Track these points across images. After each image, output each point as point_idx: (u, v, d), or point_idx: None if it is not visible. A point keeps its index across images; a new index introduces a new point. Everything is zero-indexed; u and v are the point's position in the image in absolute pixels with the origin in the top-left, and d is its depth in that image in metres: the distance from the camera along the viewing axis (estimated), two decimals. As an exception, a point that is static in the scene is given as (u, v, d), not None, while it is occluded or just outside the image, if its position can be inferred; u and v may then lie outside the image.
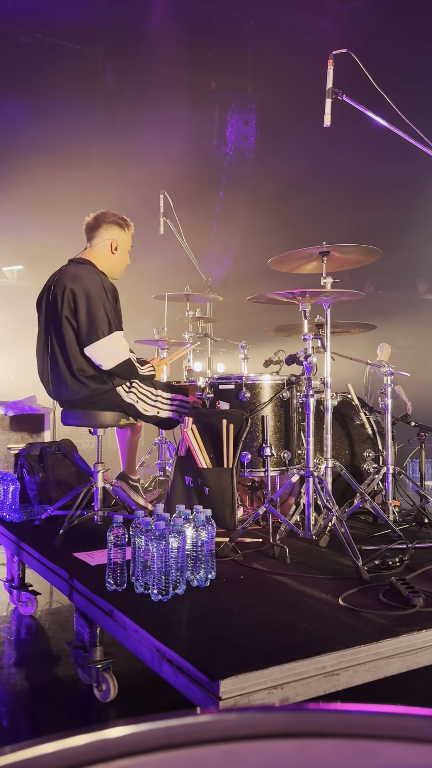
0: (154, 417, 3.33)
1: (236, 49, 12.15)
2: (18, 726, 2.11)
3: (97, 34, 10.78)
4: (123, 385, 3.25)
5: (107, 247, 3.33)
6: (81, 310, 3.07)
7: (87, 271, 3.19)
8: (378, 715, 0.44)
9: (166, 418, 3.35)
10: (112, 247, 3.33)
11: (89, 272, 3.19)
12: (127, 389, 3.26)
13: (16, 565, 3.14)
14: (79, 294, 3.09)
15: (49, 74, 10.38)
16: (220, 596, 2.17)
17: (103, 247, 3.33)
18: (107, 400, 3.21)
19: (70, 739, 0.41)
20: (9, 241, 9.60)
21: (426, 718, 0.43)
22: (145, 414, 3.29)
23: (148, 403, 3.30)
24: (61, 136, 9.94)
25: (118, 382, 3.22)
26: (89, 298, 3.08)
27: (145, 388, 3.32)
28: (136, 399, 3.26)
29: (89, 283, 3.12)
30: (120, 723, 0.42)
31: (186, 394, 3.45)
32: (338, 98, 2.82)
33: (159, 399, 3.33)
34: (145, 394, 3.30)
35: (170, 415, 3.35)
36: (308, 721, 0.44)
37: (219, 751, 0.41)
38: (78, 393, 3.16)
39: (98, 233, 3.34)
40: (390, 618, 1.93)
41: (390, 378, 3.43)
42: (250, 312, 5.63)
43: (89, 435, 3.35)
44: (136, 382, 3.30)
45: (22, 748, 0.40)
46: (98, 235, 3.34)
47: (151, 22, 11.25)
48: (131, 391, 3.26)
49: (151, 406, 3.31)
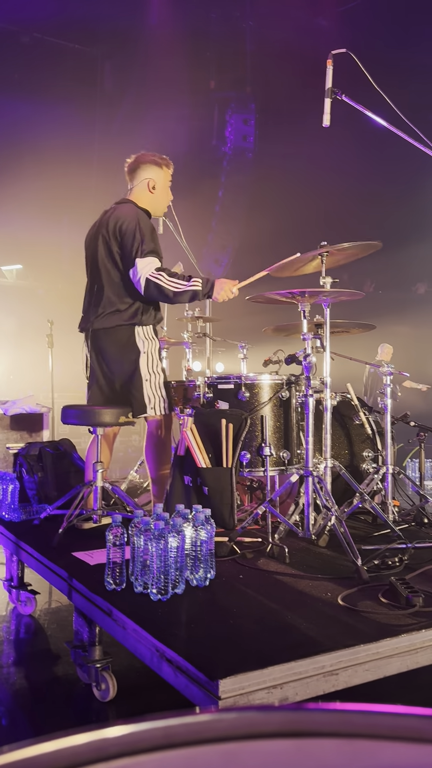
0: (141, 402, 3.29)
1: (235, 48, 12.15)
2: (17, 725, 2.11)
3: (97, 34, 10.77)
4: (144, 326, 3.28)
5: (145, 186, 3.44)
6: (120, 241, 3.24)
7: (125, 208, 3.35)
8: (377, 715, 0.44)
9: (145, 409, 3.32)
10: (149, 186, 3.44)
11: (127, 208, 3.34)
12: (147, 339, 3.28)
13: (15, 564, 3.14)
14: (118, 227, 3.25)
15: (49, 73, 10.38)
16: (220, 596, 2.17)
17: (141, 187, 3.44)
18: (120, 335, 3.25)
19: (70, 738, 0.41)
20: (8, 240, 9.60)
21: (425, 717, 0.43)
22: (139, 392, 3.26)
23: (154, 395, 3.27)
24: (60, 136, 9.94)
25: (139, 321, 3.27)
26: (128, 229, 3.23)
27: (158, 376, 3.32)
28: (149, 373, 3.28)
29: (126, 216, 3.28)
30: (119, 722, 0.42)
31: (172, 399, 3.40)
32: (337, 98, 2.82)
33: (159, 398, 3.30)
34: (156, 388, 3.28)
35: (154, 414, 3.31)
36: (307, 721, 0.44)
37: (218, 751, 0.41)
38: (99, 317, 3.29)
39: (137, 174, 3.46)
40: (389, 618, 1.93)
41: (389, 378, 3.43)
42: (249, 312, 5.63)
43: (88, 434, 3.35)
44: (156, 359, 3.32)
45: (22, 748, 0.40)
46: (137, 176, 3.46)
47: (150, 22, 11.25)
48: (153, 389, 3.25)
49: (151, 407, 3.28)
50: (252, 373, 3.28)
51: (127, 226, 3.24)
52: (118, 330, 3.28)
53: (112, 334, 3.29)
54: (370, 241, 3.08)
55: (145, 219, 3.32)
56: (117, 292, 3.28)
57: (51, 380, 6.89)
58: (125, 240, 3.23)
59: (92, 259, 3.40)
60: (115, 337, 3.29)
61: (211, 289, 3.26)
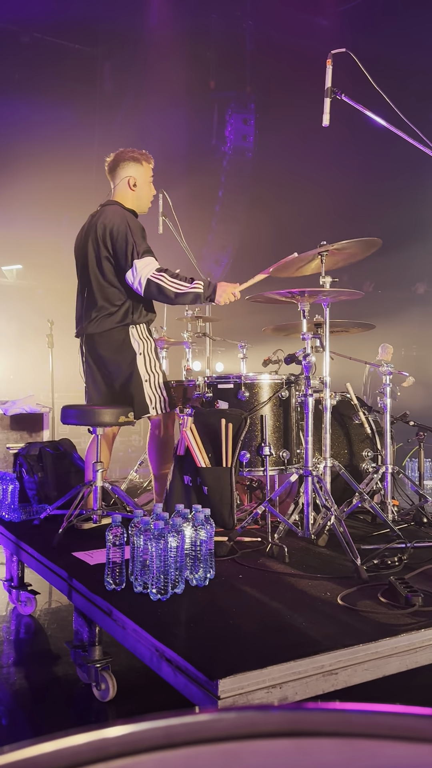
0: (142, 402, 3.30)
1: (235, 48, 12.15)
2: (17, 725, 2.11)
3: (97, 34, 10.77)
4: (137, 326, 3.28)
5: (126, 184, 3.42)
6: (111, 245, 3.22)
7: (112, 211, 3.31)
8: (377, 715, 0.44)
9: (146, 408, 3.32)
10: (130, 183, 3.42)
11: (113, 211, 3.31)
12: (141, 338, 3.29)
13: (15, 564, 3.14)
14: (108, 232, 3.22)
15: (49, 73, 10.38)
16: (219, 595, 2.17)
17: (123, 186, 3.42)
18: (114, 338, 3.25)
19: (69, 738, 0.41)
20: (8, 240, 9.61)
21: (425, 717, 0.43)
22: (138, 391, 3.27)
23: (153, 393, 3.29)
24: (60, 135, 9.94)
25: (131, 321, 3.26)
26: (115, 232, 3.20)
27: (158, 374, 3.33)
28: (148, 373, 3.28)
29: (114, 218, 3.24)
30: (119, 722, 0.42)
31: (173, 399, 3.42)
32: (337, 98, 2.82)
33: (158, 396, 3.31)
34: (156, 387, 3.30)
35: (156, 413, 3.32)
36: (307, 721, 0.44)
37: (218, 751, 0.41)
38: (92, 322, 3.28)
39: (117, 173, 3.44)
40: (389, 617, 1.93)
41: (389, 378, 3.43)
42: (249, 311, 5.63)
43: (88, 434, 3.35)
44: (154, 360, 3.32)
45: (22, 748, 0.40)
46: (117, 175, 3.44)
47: (150, 22, 11.25)
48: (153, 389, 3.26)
49: (153, 407, 3.30)
50: (252, 373, 3.28)
51: (117, 229, 3.21)
52: (112, 333, 3.28)
53: (107, 337, 3.29)
54: (369, 238, 3.07)
55: (133, 220, 3.30)
56: (107, 296, 3.27)
57: (51, 380, 6.89)
58: (117, 244, 3.21)
59: (82, 263, 3.39)
60: (110, 340, 3.29)
61: (213, 293, 3.26)
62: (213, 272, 12.11)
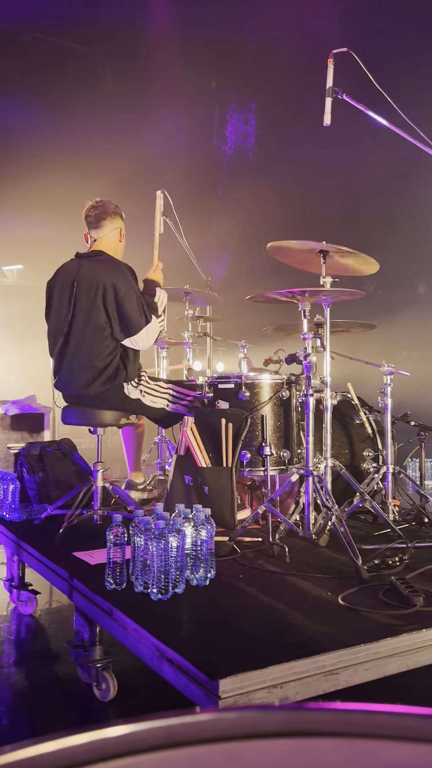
0: (161, 410, 3.35)
1: (236, 48, 12.14)
2: (18, 725, 2.11)
3: (97, 33, 10.77)
4: (131, 381, 3.28)
5: (116, 236, 3.45)
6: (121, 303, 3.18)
7: (112, 264, 3.30)
8: (378, 715, 0.44)
9: (173, 412, 3.37)
10: (121, 234, 3.47)
11: (114, 264, 3.30)
12: (135, 385, 3.28)
13: (16, 564, 3.14)
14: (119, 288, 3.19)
15: (49, 73, 10.38)
16: (220, 595, 2.17)
17: (113, 237, 3.44)
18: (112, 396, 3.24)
19: (70, 738, 0.41)
20: (9, 240, 9.61)
21: (426, 717, 0.43)
22: (153, 407, 3.32)
23: (156, 396, 3.33)
24: (60, 135, 9.94)
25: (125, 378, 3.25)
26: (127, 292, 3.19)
27: (153, 382, 3.37)
28: (142, 393, 3.29)
29: (117, 274, 3.23)
30: (120, 722, 0.42)
31: (194, 390, 3.47)
32: (338, 97, 2.82)
33: (168, 392, 3.38)
34: (153, 388, 3.34)
35: (178, 409, 3.37)
36: (308, 721, 0.44)
37: (219, 750, 0.41)
38: (88, 388, 3.23)
39: (105, 224, 3.42)
40: (390, 617, 1.93)
41: (390, 377, 3.42)
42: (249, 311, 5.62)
43: (89, 434, 3.35)
44: (144, 378, 3.37)
45: (22, 748, 0.40)
46: (106, 225, 3.42)
47: (151, 21, 11.25)
48: (139, 386, 3.29)
49: (159, 397, 3.35)
50: (252, 373, 3.28)
51: (124, 286, 3.18)
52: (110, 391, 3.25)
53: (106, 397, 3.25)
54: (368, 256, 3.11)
55: (134, 276, 3.30)
56: (98, 352, 3.21)
57: (52, 380, 6.88)
58: (125, 303, 3.17)
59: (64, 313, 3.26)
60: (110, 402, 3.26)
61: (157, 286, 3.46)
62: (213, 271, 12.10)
